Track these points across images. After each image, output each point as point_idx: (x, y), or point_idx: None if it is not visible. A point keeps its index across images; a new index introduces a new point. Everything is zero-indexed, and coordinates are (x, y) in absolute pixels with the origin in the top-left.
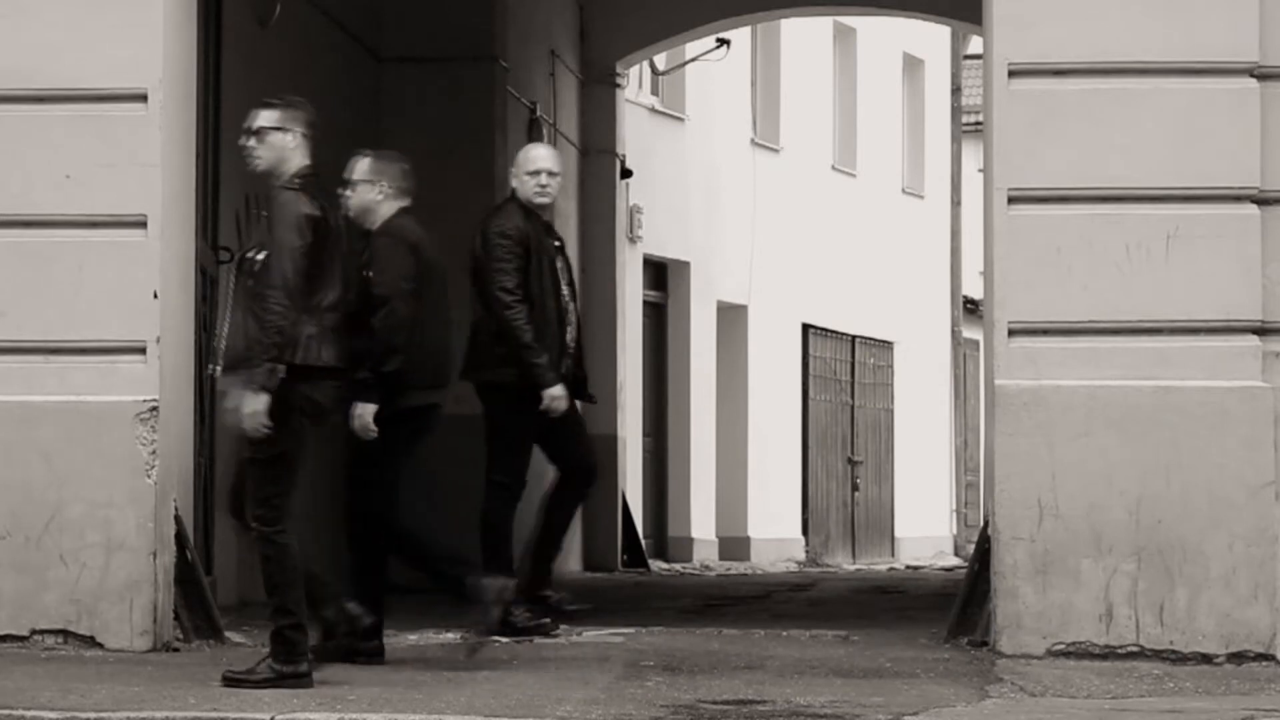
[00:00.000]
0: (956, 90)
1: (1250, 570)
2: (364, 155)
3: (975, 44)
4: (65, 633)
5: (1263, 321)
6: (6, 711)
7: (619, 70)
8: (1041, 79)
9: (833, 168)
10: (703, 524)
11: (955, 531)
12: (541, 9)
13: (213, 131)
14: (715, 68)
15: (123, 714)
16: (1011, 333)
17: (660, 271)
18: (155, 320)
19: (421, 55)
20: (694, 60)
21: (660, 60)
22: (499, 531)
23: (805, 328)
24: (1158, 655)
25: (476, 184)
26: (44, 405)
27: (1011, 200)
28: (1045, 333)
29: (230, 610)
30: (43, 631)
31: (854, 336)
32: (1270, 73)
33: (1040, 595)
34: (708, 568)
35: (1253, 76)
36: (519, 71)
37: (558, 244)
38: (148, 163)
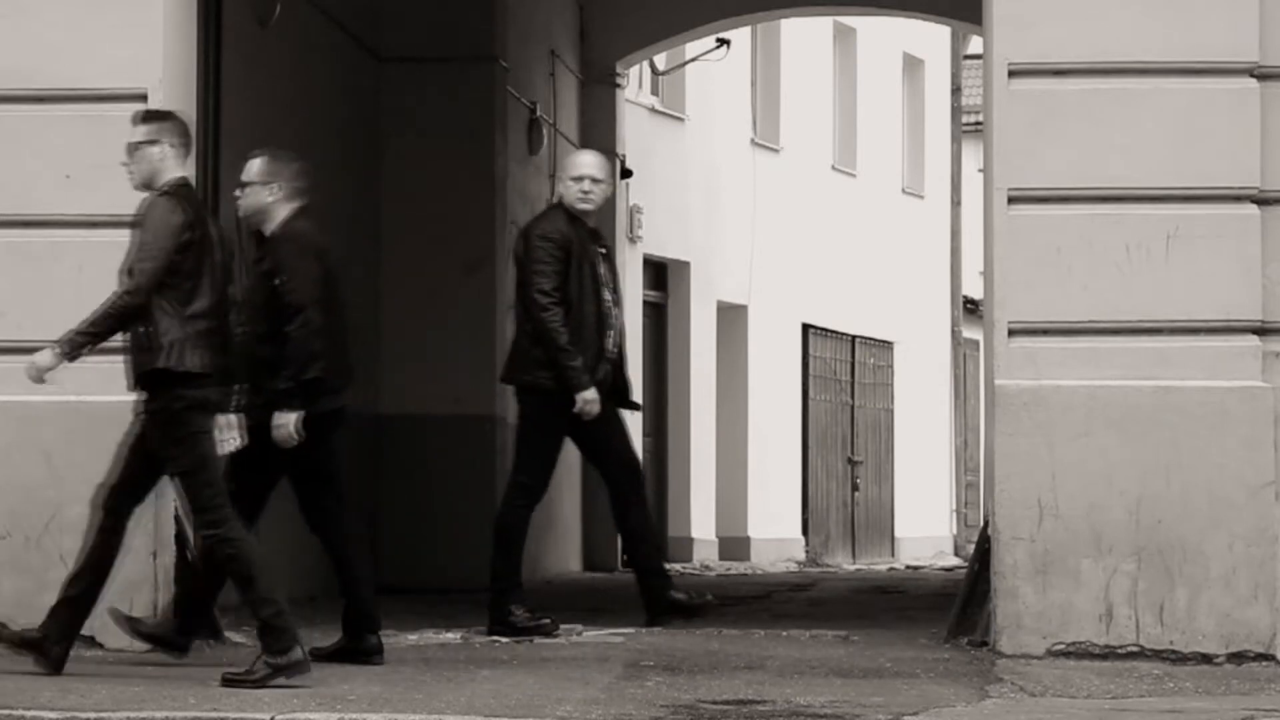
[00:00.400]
0: (956, 90)
1: (1250, 570)
2: (257, 156)
3: (975, 44)
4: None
5: (1263, 321)
6: (6, 711)
7: (619, 70)
8: (1041, 79)
9: (833, 168)
10: (703, 524)
11: (955, 531)
12: (541, 9)
13: (213, 131)
14: (715, 68)
15: (123, 714)
16: (1011, 333)
17: (660, 271)
18: None
19: (421, 55)
20: (694, 60)
21: (660, 60)
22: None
23: (805, 328)
24: (1158, 655)
25: (476, 184)
26: (44, 405)
27: (1011, 200)
28: (1045, 333)
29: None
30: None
31: (854, 336)
32: (1270, 73)
33: (1040, 595)
34: (708, 568)
35: (1253, 76)
36: (519, 71)
37: (603, 250)
38: None
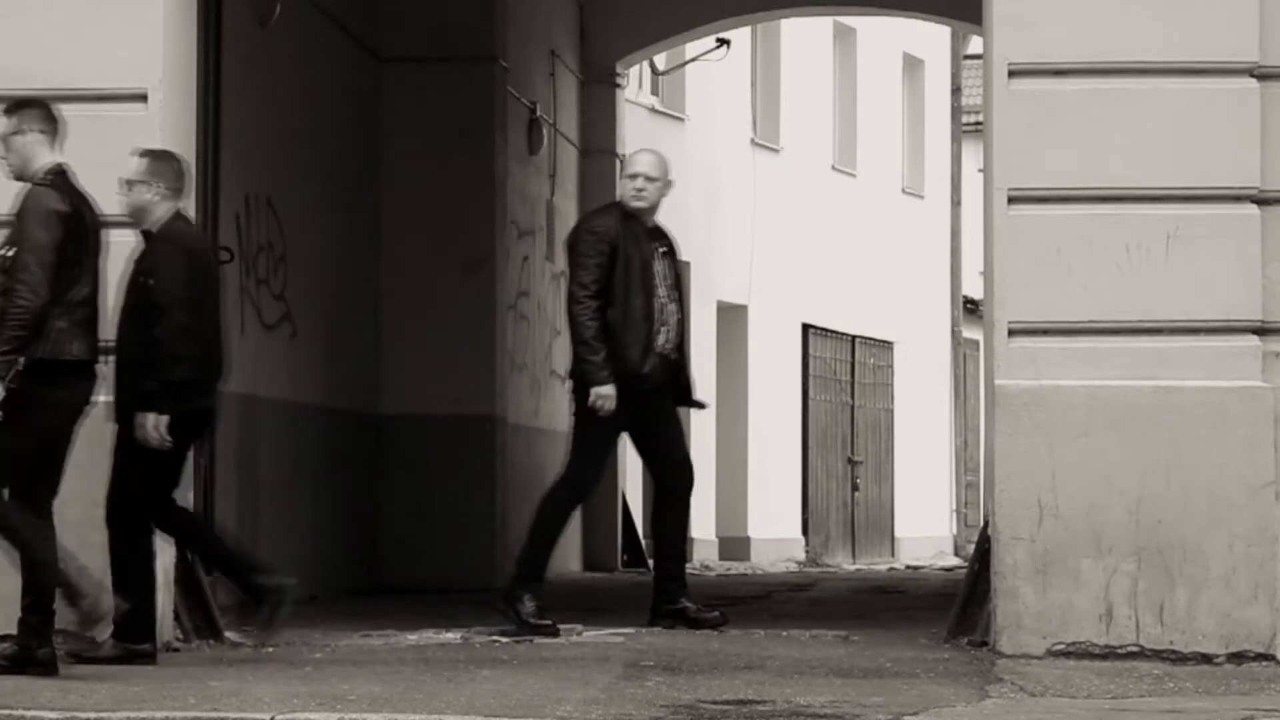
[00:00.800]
0: (956, 90)
1: (1250, 570)
2: (139, 155)
3: (975, 44)
4: (65, 633)
5: (1263, 321)
6: (6, 711)
7: (619, 70)
8: (1041, 79)
9: (833, 168)
10: (703, 524)
11: (955, 531)
12: (541, 9)
13: (213, 131)
14: (715, 68)
15: (123, 714)
16: (1011, 333)
17: None
18: None
19: (421, 55)
20: (694, 60)
21: (660, 60)
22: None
23: (805, 328)
24: (1158, 655)
25: (476, 184)
26: None
27: (1011, 200)
28: (1045, 333)
29: (230, 610)
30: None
31: (854, 336)
32: (1270, 73)
33: (1040, 595)
34: (708, 568)
35: (1253, 76)
36: (519, 71)
37: (664, 248)
38: None
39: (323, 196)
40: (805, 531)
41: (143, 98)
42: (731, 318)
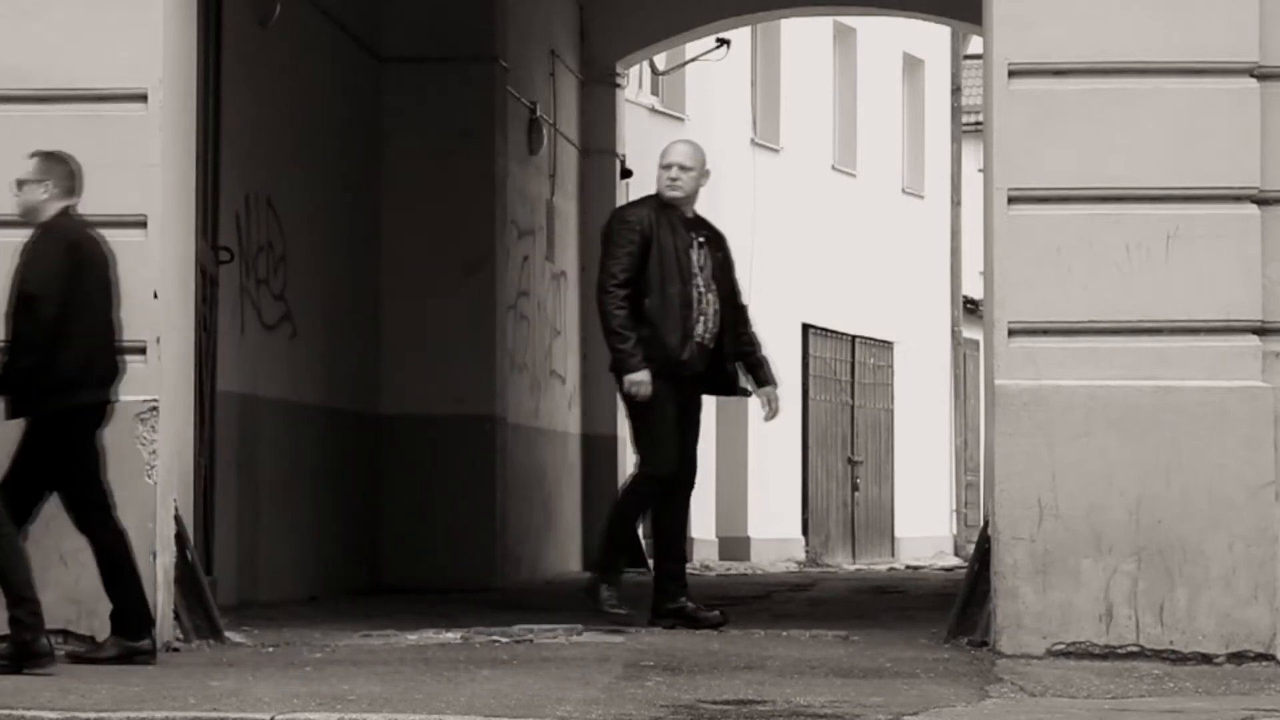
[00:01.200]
0: (956, 90)
1: (1250, 570)
2: (32, 155)
3: (975, 44)
4: (65, 633)
5: (1263, 321)
6: (6, 711)
7: (619, 70)
8: (1041, 79)
9: (833, 168)
10: (703, 524)
11: (955, 531)
12: (541, 9)
13: (213, 131)
14: (715, 68)
15: (123, 714)
16: (1011, 333)
17: None
18: (155, 320)
19: (421, 55)
20: (694, 60)
21: (660, 60)
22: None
23: (805, 328)
24: (1158, 655)
25: (476, 184)
26: None
27: (1011, 200)
28: (1045, 333)
29: (230, 610)
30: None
31: (854, 336)
32: (1270, 73)
33: (1040, 595)
34: (708, 568)
35: (1253, 76)
36: (519, 71)
37: (702, 237)
38: (148, 163)
39: (323, 196)
40: (805, 531)
41: (143, 98)
42: None
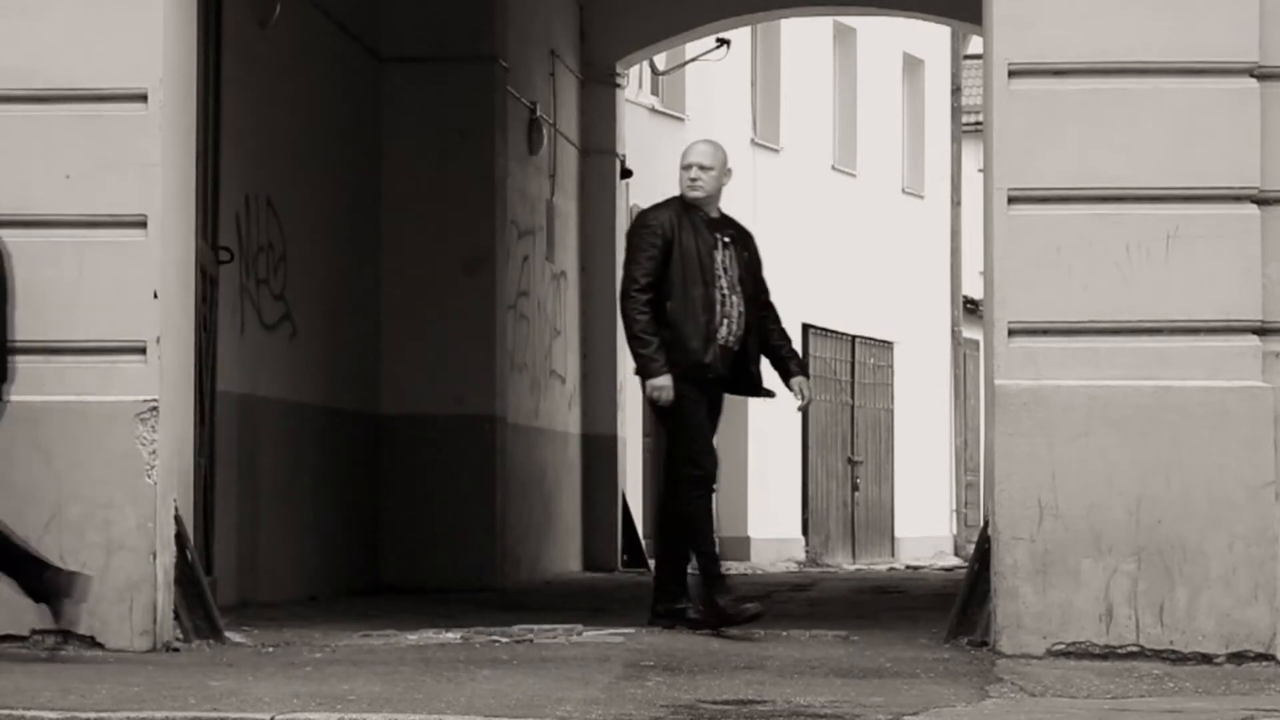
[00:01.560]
0: (956, 90)
1: (1250, 570)
2: None
3: (975, 44)
4: (65, 633)
5: (1263, 321)
6: (6, 711)
7: (619, 70)
8: (1041, 79)
9: (833, 168)
10: None
11: (955, 531)
12: (541, 9)
13: (213, 131)
14: (715, 68)
15: (123, 714)
16: (1011, 333)
17: None
18: (155, 320)
19: (421, 55)
20: (694, 60)
21: (660, 60)
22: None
23: (805, 328)
24: (1158, 655)
25: (476, 184)
26: (44, 405)
27: (1011, 200)
28: (1045, 333)
29: (230, 610)
30: (43, 631)
31: (854, 336)
32: (1270, 73)
33: (1040, 595)
34: None
35: (1253, 76)
36: (519, 71)
37: (728, 237)
38: (148, 163)
39: (323, 196)
40: (805, 531)
41: (143, 98)
42: None
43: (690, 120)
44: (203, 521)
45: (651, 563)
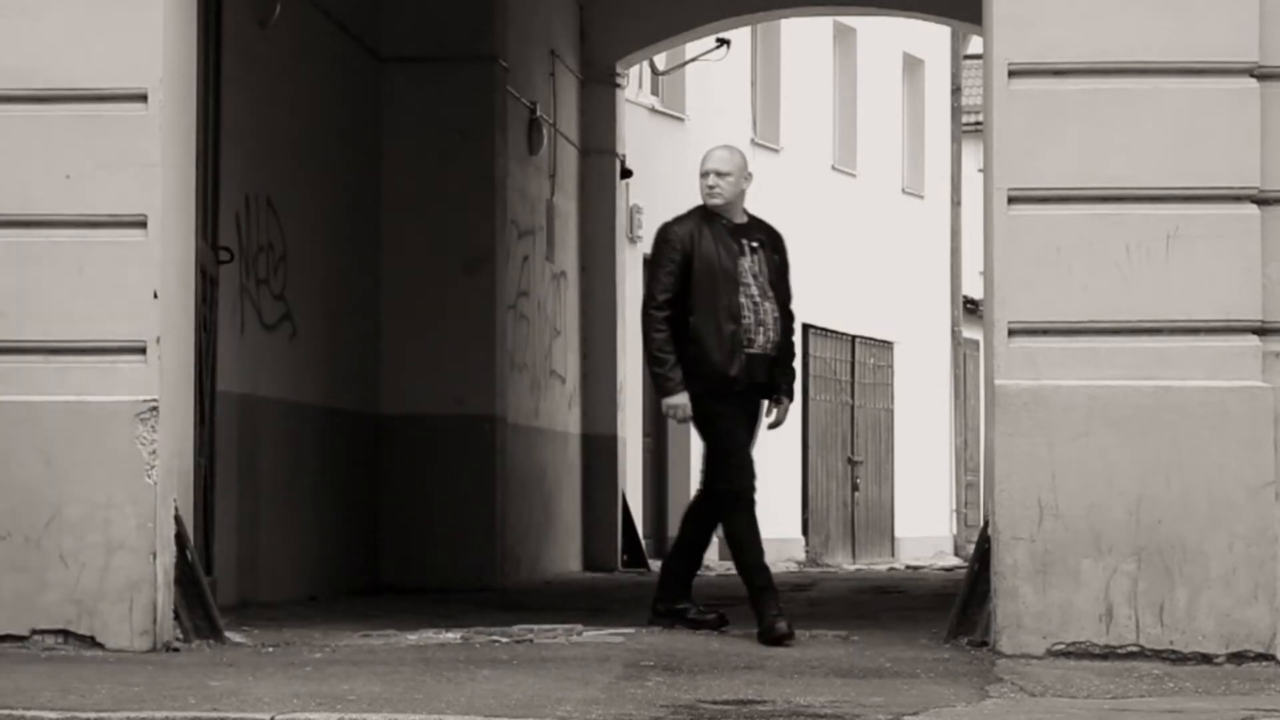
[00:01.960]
0: (956, 90)
1: (1250, 570)
2: None
3: (975, 44)
4: (65, 633)
5: (1263, 321)
6: (6, 711)
7: (619, 70)
8: (1041, 79)
9: (833, 168)
10: None
11: (955, 531)
12: (541, 9)
13: (213, 131)
14: (715, 68)
15: (123, 714)
16: (1011, 333)
17: None
18: (155, 320)
19: (421, 55)
20: (694, 60)
21: (660, 60)
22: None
23: (805, 328)
24: (1158, 655)
25: (476, 184)
26: (44, 405)
27: (1011, 200)
28: (1045, 333)
29: (230, 610)
30: (43, 631)
31: (854, 336)
32: (1270, 73)
33: (1040, 595)
34: (708, 568)
35: (1253, 76)
36: (519, 71)
37: (756, 242)
38: (148, 163)
39: (323, 196)
40: (805, 531)
41: (143, 98)
42: None
43: (690, 120)
44: (203, 521)
45: (656, 562)
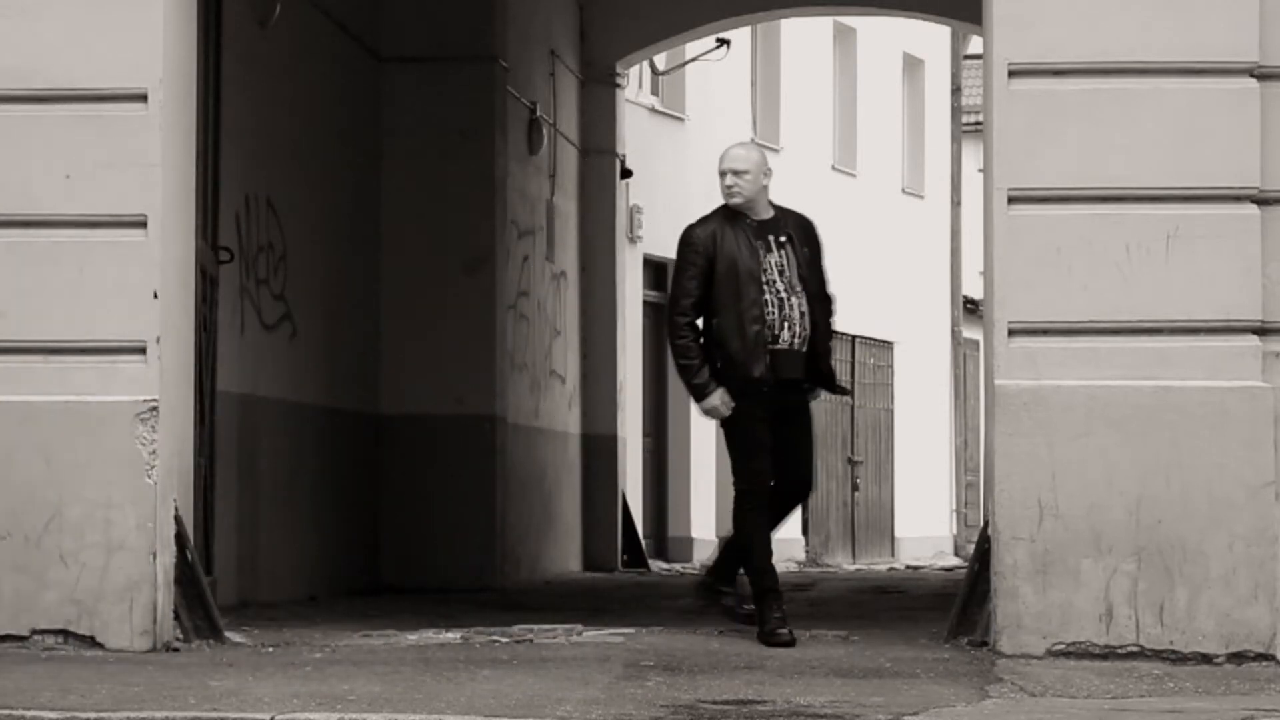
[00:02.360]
0: (956, 90)
1: (1250, 570)
2: None
3: (975, 44)
4: (65, 633)
5: (1263, 321)
6: (6, 711)
7: (619, 70)
8: (1041, 79)
9: (833, 168)
10: (703, 524)
11: (955, 531)
12: (541, 9)
13: (213, 131)
14: (715, 68)
15: (123, 714)
16: (1011, 333)
17: (660, 271)
18: (155, 320)
19: (421, 55)
20: (694, 60)
21: (660, 60)
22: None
23: None
24: (1158, 655)
25: (476, 184)
26: (44, 405)
27: (1011, 200)
28: (1045, 333)
29: (230, 610)
30: (43, 631)
31: (854, 336)
32: (1270, 73)
33: (1040, 595)
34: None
35: (1253, 76)
36: (519, 71)
37: (783, 237)
38: (148, 163)
39: (323, 196)
40: (805, 531)
41: (143, 98)
42: None
43: (690, 120)
44: (203, 521)
45: (655, 562)
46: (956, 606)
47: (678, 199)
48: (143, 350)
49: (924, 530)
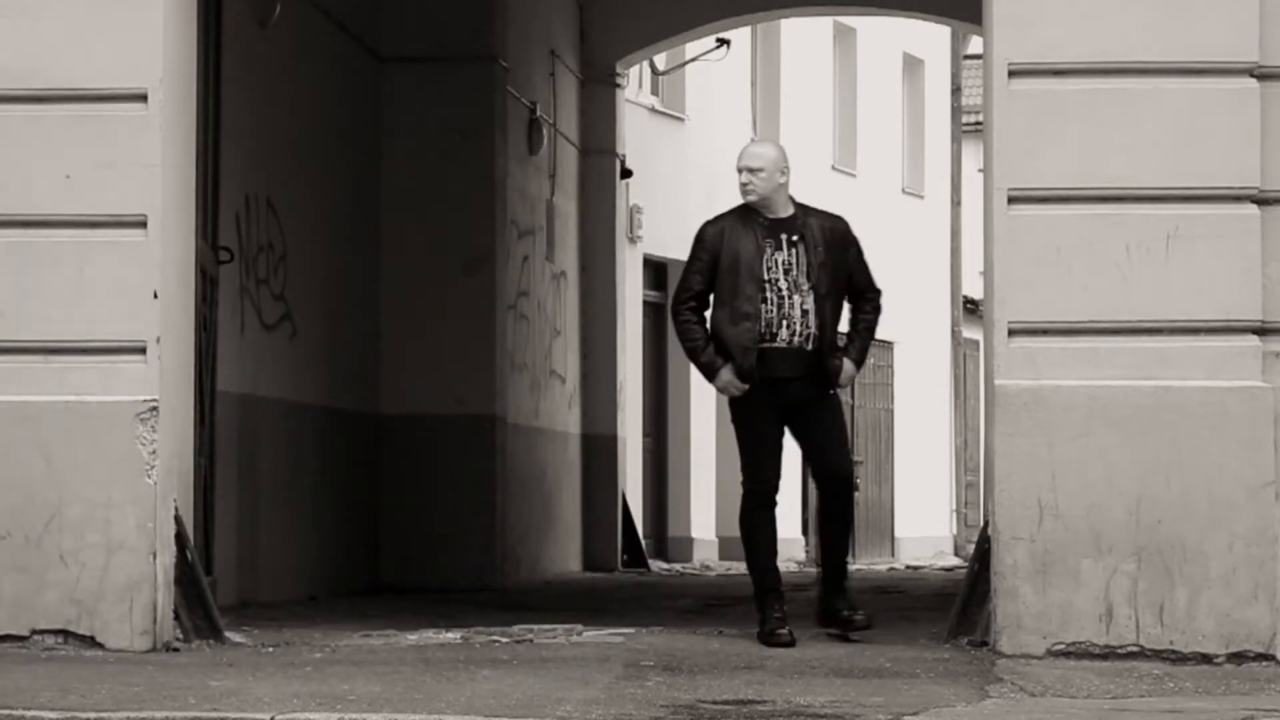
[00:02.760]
0: (956, 90)
1: (1250, 570)
2: None
3: (975, 44)
4: (65, 633)
5: (1263, 321)
6: (6, 711)
7: (619, 70)
8: (1041, 79)
9: (833, 168)
10: (703, 524)
11: (955, 531)
12: (541, 9)
13: (213, 131)
14: (715, 68)
15: (123, 714)
16: (1011, 333)
17: (660, 271)
18: (155, 320)
19: (421, 55)
20: (694, 60)
21: (660, 60)
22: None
23: None
24: (1158, 655)
25: (476, 184)
26: (44, 405)
27: (1011, 200)
28: (1045, 333)
29: (230, 610)
30: (43, 631)
31: None
32: (1270, 73)
33: (1040, 595)
34: (708, 568)
35: (1253, 76)
36: (519, 71)
37: (796, 235)
38: (148, 163)
39: (323, 196)
40: (805, 531)
41: (143, 98)
42: None
43: (690, 120)
44: (203, 521)
45: (655, 563)
46: (956, 606)
47: (678, 199)
48: (143, 350)
49: (924, 530)
